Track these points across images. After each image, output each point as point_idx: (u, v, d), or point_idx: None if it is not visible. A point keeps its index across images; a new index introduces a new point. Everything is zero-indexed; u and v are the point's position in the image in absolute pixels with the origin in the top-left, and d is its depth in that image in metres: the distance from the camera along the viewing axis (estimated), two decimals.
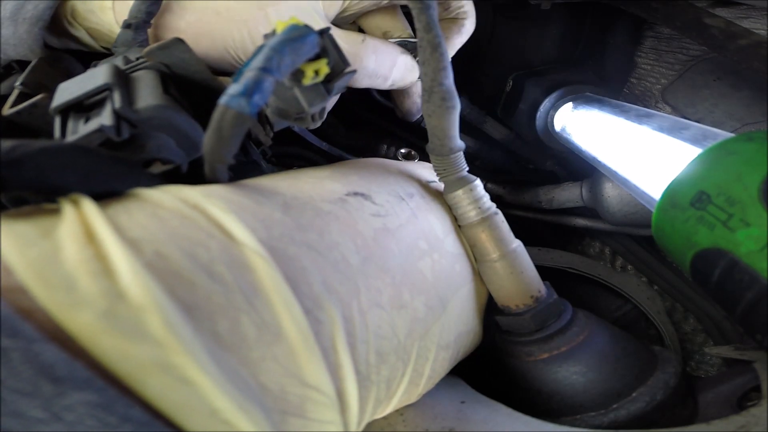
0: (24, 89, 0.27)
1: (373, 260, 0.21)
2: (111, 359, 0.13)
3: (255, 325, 0.16)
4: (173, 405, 0.13)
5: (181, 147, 0.23)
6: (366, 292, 0.20)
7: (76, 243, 0.14)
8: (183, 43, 0.25)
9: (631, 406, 0.26)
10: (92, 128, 0.20)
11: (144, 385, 0.13)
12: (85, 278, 0.13)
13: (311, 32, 0.22)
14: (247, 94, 0.19)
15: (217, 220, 0.17)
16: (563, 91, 0.48)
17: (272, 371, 0.16)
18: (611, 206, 0.46)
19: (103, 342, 0.13)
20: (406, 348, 0.21)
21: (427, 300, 0.23)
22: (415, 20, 0.23)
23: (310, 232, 0.19)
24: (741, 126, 0.40)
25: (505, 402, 0.27)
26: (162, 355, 0.13)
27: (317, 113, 0.25)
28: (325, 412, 0.17)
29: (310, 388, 0.17)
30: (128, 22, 0.30)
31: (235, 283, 0.16)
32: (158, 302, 0.14)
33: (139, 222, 0.16)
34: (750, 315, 0.21)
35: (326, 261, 0.19)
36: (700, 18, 0.34)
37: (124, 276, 0.14)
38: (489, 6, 0.55)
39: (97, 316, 0.13)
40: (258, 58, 0.20)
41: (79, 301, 0.13)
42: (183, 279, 0.15)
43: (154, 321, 0.13)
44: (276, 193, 0.20)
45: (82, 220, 0.15)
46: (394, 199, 0.24)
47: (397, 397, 0.22)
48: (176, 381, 0.13)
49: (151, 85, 0.23)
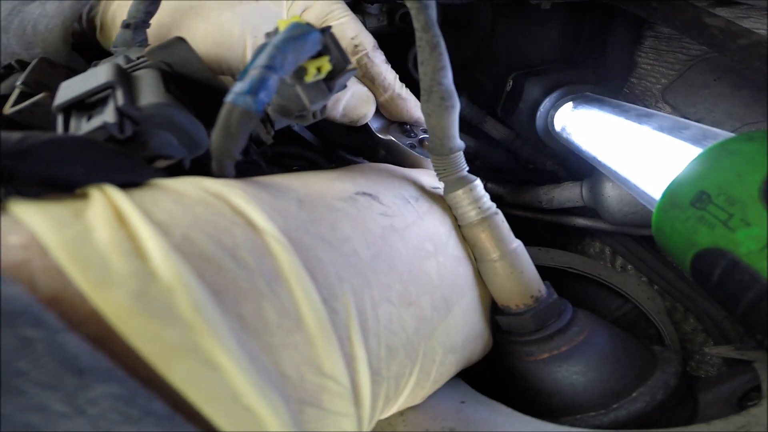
0: (25, 88, 0.27)
1: (382, 257, 0.21)
2: (141, 340, 0.13)
3: (276, 311, 0.16)
4: (197, 389, 0.13)
5: (183, 144, 0.23)
6: (376, 286, 0.20)
7: (107, 225, 0.14)
8: (184, 42, 0.25)
9: (631, 406, 0.26)
10: (95, 125, 0.20)
11: (170, 367, 0.13)
12: (118, 258, 0.13)
13: (313, 30, 0.22)
14: (253, 92, 0.19)
15: (239, 208, 0.17)
16: (563, 90, 0.48)
17: (291, 359, 0.16)
18: (611, 206, 0.46)
19: (134, 322, 0.13)
20: (414, 346, 0.21)
21: (432, 300, 0.23)
22: (413, 20, 0.23)
23: (323, 225, 0.19)
24: (741, 126, 0.40)
25: (505, 402, 0.27)
26: (190, 337, 0.13)
27: (318, 111, 0.25)
28: (340, 403, 0.17)
29: (327, 377, 0.17)
30: (127, 22, 0.30)
31: (258, 268, 0.16)
32: (187, 284, 0.14)
33: (165, 207, 0.16)
34: (750, 315, 0.21)
35: (339, 254, 0.19)
36: (700, 17, 0.34)
37: (154, 257, 0.14)
38: (489, 6, 0.55)
39: (129, 296, 0.13)
40: (262, 57, 0.20)
41: (112, 281, 0.13)
42: (210, 262, 0.15)
43: (183, 302, 0.13)
44: (290, 190, 0.21)
45: (111, 204, 0.15)
46: (400, 202, 0.25)
47: (403, 397, 0.22)
48: (202, 364, 0.13)
49: (153, 83, 0.23)
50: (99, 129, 0.20)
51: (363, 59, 0.34)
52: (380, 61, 0.35)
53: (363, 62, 0.34)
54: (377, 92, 0.36)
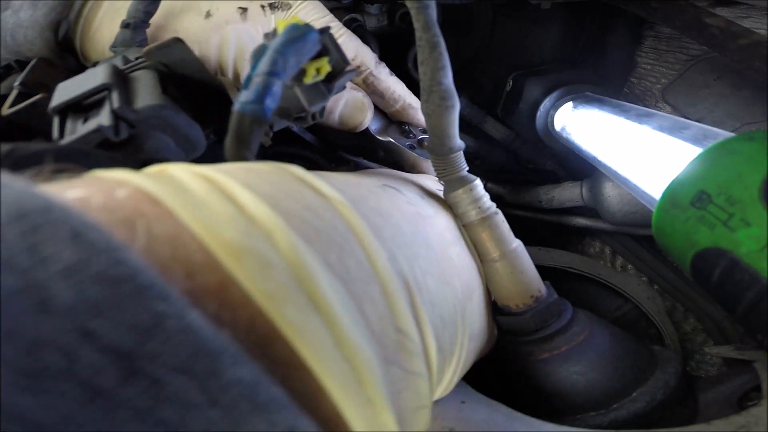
0: (23, 89, 0.27)
1: (421, 234, 0.22)
2: (254, 281, 0.12)
3: (355, 262, 0.16)
4: (304, 335, 0.12)
5: (180, 147, 0.23)
6: (422, 259, 0.21)
7: (195, 180, 0.14)
8: (182, 43, 0.25)
9: (631, 406, 0.26)
10: (90, 128, 0.20)
11: (280, 310, 0.12)
12: (218, 204, 0.13)
13: (312, 31, 0.22)
14: (260, 100, 0.20)
15: (303, 178, 0.18)
16: (563, 90, 0.48)
17: (373, 311, 0.16)
18: (611, 206, 0.46)
19: (246, 263, 0.12)
20: (455, 323, 0.22)
21: (461, 283, 0.24)
22: (413, 19, 0.23)
23: (370, 201, 0.21)
24: (741, 125, 0.40)
25: (505, 402, 0.27)
26: (294, 278, 0.13)
27: (317, 112, 0.25)
28: (416, 362, 0.17)
29: (402, 333, 0.16)
30: (126, 21, 0.30)
31: (334, 223, 0.16)
32: (283, 228, 0.14)
33: (241, 174, 0.16)
34: (750, 315, 0.21)
35: (389, 224, 0.20)
36: (700, 17, 0.34)
37: (248, 205, 0.14)
38: (489, 6, 0.55)
39: (239, 235, 0.13)
40: (264, 62, 0.20)
41: (221, 222, 0.13)
42: (294, 215, 0.15)
43: (283, 244, 0.13)
44: (331, 176, 0.21)
45: (190, 170, 0.15)
46: (418, 197, 0.26)
47: (446, 380, 0.22)
48: (307, 306, 0.13)
49: (150, 84, 0.23)
50: (94, 132, 0.20)
51: (368, 78, 0.34)
52: (385, 76, 0.35)
53: (369, 81, 0.34)
54: (388, 105, 0.36)
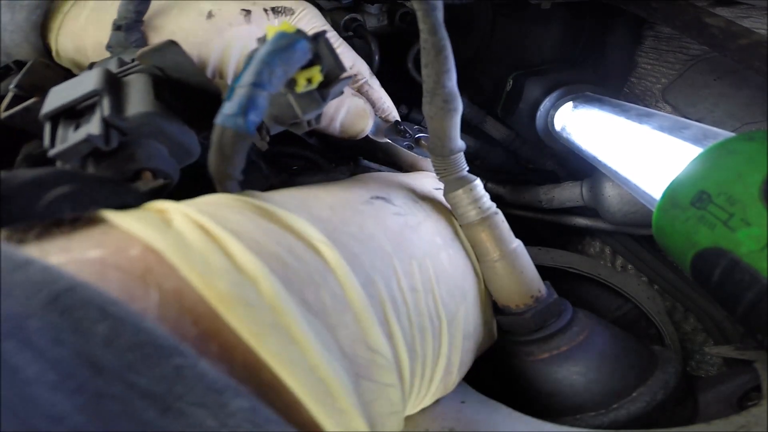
0: (18, 92, 0.27)
1: (402, 249, 0.23)
2: (242, 323, 0.15)
3: (330, 296, 0.19)
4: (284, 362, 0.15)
5: (172, 155, 0.22)
6: (401, 275, 0.22)
7: (193, 231, 0.17)
8: (177, 46, 0.25)
9: (631, 406, 0.26)
10: (80, 138, 0.20)
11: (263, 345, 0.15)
12: (213, 257, 0.16)
13: (301, 39, 0.21)
14: (242, 113, 0.19)
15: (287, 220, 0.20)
16: (563, 90, 0.48)
17: (346, 336, 0.18)
18: (611, 206, 0.46)
19: (237, 308, 0.15)
20: (439, 329, 0.23)
21: (449, 288, 0.25)
22: (419, 22, 0.22)
23: (353, 226, 0.22)
24: (741, 125, 0.40)
25: (505, 402, 0.27)
26: (275, 318, 0.16)
27: (313, 119, 0.25)
28: (387, 375, 0.19)
29: (374, 352, 0.19)
30: (118, 23, 0.29)
31: (312, 263, 0.19)
32: (265, 275, 0.16)
33: (230, 218, 0.18)
34: (750, 315, 0.21)
35: (368, 249, 0.22)
36: (700, 17, 0.34)
37: (237, 255, 0.17)
38: (489, 6, 0.54)
39: (231, 286, 0.15)
40: (248, 73, 0.19)
41: (215, 275, 0.16)
42: (276, 258, 0.18)
43: (266, 290, 0.16)
44: (319, 198, 0.23)
45: (187, 216, 0.18)
46: (410, 202, 0.27)
47: (435, 384, 0.24)
48: (286, 340, 0.16)
49: (143, 90, 0.23)
50: (84, 141, 0.19)
51: (364, 87, 0.36)
52: (378, 86, 0.37)
53: (364, 89, 0.36)
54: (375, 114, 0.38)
